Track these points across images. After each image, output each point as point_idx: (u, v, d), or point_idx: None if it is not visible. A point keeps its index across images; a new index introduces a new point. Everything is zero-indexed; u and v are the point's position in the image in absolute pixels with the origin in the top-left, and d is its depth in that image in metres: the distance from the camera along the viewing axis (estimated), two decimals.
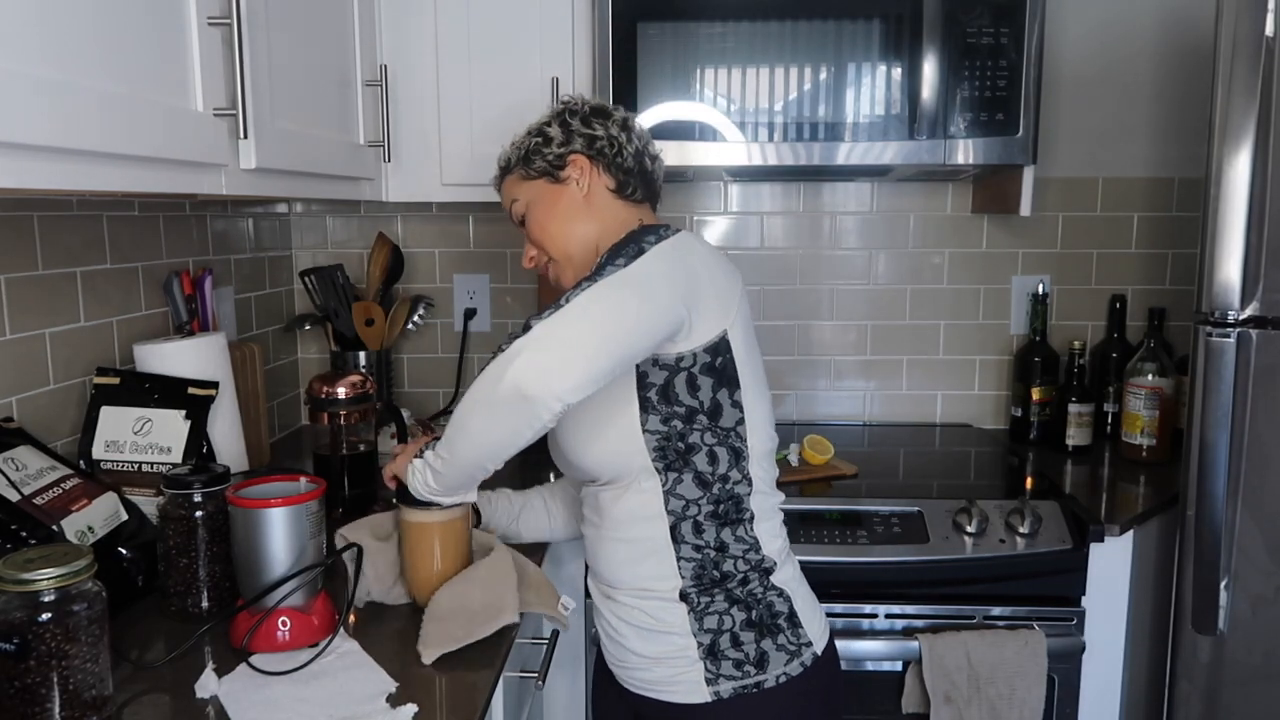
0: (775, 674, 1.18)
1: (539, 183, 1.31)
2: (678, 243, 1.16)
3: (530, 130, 1.33)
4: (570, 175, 1.29)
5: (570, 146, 1.29)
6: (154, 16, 1.04)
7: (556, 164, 1.29)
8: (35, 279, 1.39)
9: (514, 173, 1.33)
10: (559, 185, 1.30)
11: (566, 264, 1.29)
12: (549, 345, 1.05)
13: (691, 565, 1.19)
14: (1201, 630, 1.65)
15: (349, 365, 2.15)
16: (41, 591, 0.92)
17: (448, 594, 1.20)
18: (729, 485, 1.19)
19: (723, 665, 1.18)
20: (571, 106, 1.32)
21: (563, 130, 1.30)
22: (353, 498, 1.65)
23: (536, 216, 1.31)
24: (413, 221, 2.34)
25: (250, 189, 1.26)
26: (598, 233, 1.28)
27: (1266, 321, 1.56)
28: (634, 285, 1.10)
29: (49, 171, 0.88)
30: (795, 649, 1.20)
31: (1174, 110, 2.23)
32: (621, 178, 1.30)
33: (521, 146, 1.32)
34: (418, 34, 1.88)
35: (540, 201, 1.30)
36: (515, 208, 1.34)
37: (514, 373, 1.04)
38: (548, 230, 1.30)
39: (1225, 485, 1.59)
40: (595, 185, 1.29)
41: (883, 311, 2.33)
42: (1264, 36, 1.50)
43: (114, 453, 1.43)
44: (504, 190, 1.37)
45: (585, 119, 1.30)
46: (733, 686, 1.18)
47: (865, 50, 1.79)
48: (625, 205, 1.31)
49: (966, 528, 1.70)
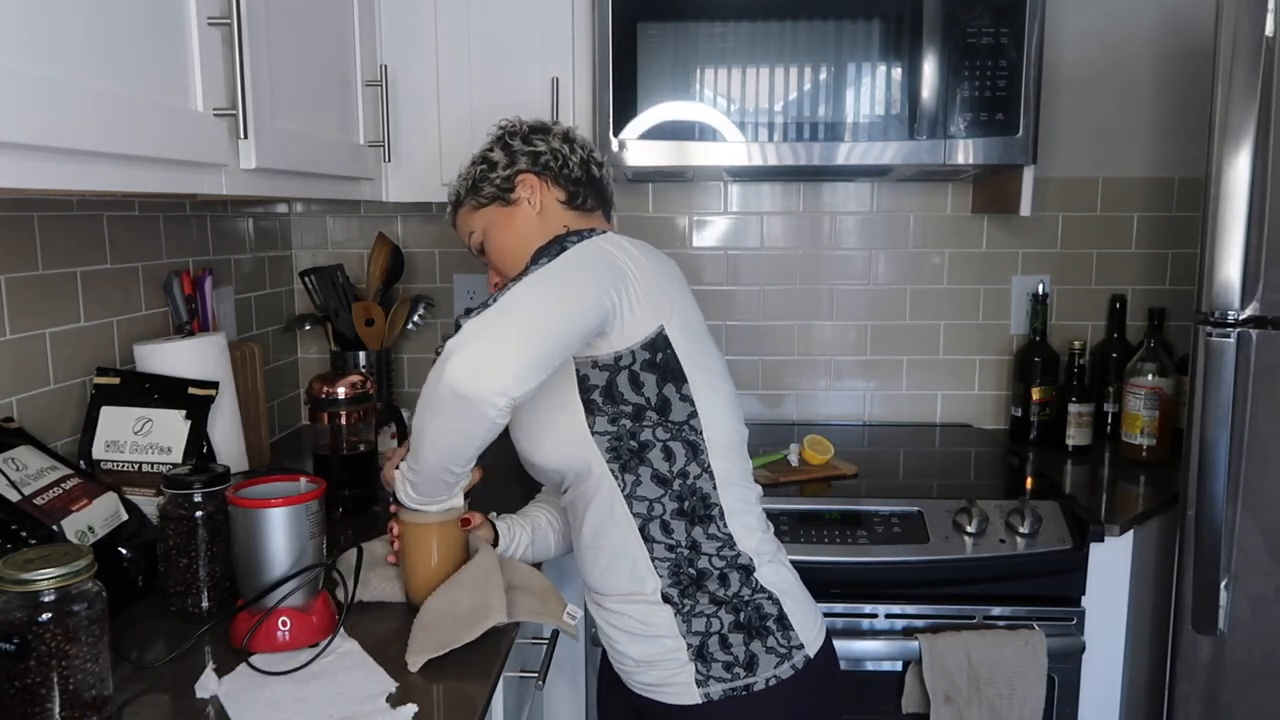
0: (765, 676, 1.18)
1: (491, 209, 1.33)
2: (600, 240, 1.17)
3: (474, 160, 1.35)
4: (520, 195, 1.31)
5: (515, 166, 1.31)
6: (154, 16, 1.04)
7: (505, 187, 1.31)
8: (35, 279, 1.39)
9: (465, 205, 1.35)
10: (511, 207, 1.32)
11: None
12: (478, 344, 1.05)
13: (666, 565, 1.18)
14: (1201, 630, 1.65)
15: (349, 365, 2.15)
16: (41, 591, 0.92)
17: (435, 600, 1.20)
18: (690, 480, 1.18)
19: (713, 667, 1.18)
20: (510, 129, 1.35)
21: (505, 153, 1.32)
22: (353, 498, 1.65)
23: (494, 241, 1.33)
24: (413, 221, 2.34)
25: (250, 189, 1.26)
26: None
27: (1266, 321, 1.56)
28: (555, 277, 1.11)
29: (49, 171, 0.89)
30: (786, 652, 1.19)
31: (1174, 110, 2.23)
32: (571, 188, 1.32)
33: (468, 177, 1.35)
34: (418, 34, 1.88)
35: (495, 226, 1.32)
36: (473, 239, 1.35)
37: (449, 375, 1.04)
38: (505, 253, 1.32)
39: (1225, 485, 1.59)
40: (547, 200, 1.32)
41: (883, 311, 2.33)
42: (1264, 36, 1.50)
43: (114, 453, 1.43)
44: (459, 224, 1.38)
45: (525, 138, 1.33)
46: (722, 689, 1.17)
47: (865, 50, 1.79)
48: (579, 216, 1.33)
49: (966, 528, 1.70)
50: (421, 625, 1.17)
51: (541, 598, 1.27)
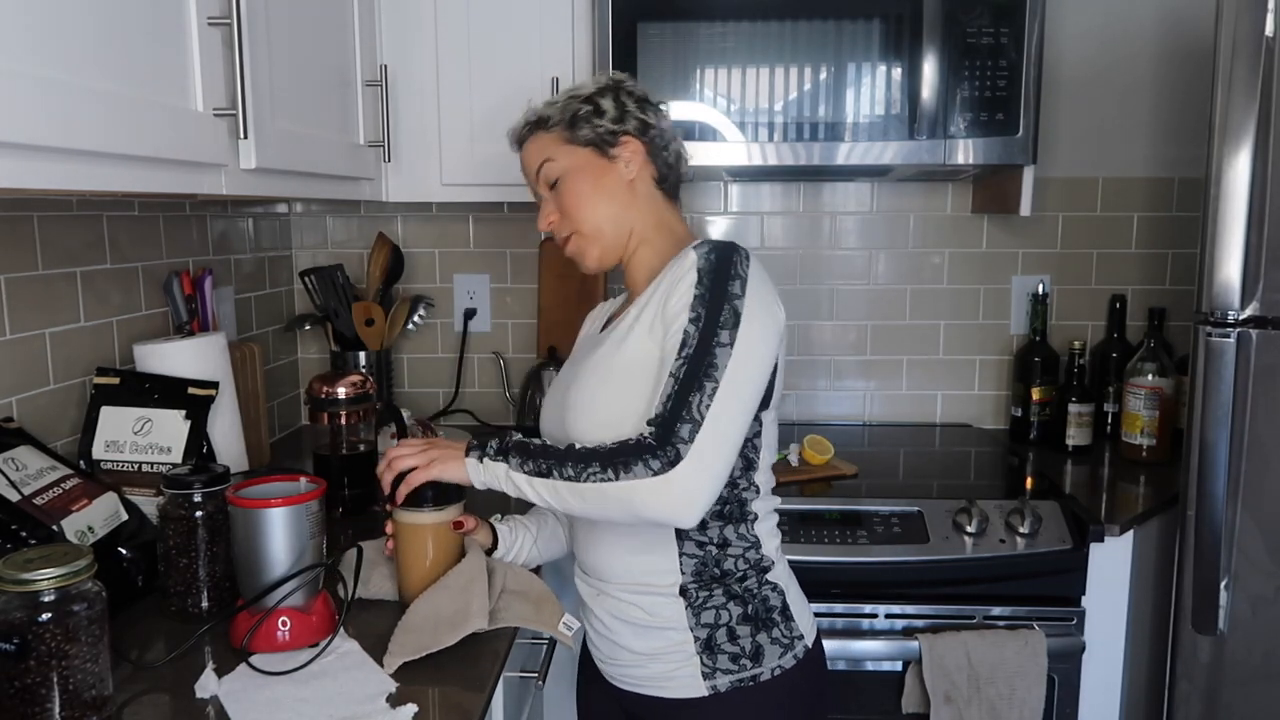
0: (770, 667, 1.19)
1: (584, 152, 1.25)
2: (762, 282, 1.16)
3: (576, 94, 1.26)
4: (620, 155, 1.25)
5: (624, 126, 1.24)
6: (154, 17, 1.04)
7: (608, 139, 1.24)
8: (35, 279, 1.39)
9: (552, 131, 1.26)
10: (606, 162, 1.25)
11: (595, 241, 1.26)
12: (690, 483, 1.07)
13: (694, 562, 1.19)
14: (1201, 630, 1.65)
15: (349, 365, 2.15)
16: (41, 591, 0.92)
17: (419, 603, 1.19)
18: (736, 490, 1.20)
19: (719, 659, 1.18)
20: (625, 85, 1.27)
21: (616, 105, 1.25)
22: (353, 498, 1.65)
23: (576, 187, 1.25)
24: (413, 221, 2.34)
25: (250, 189, 1.26)
26: (634, 220, 1.26)
27: (1266, 321, 1.56)
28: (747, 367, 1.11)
29: (49, 172, 0.89)
30: (789, 642, 1.21)
31: (1174, 110, 2.23)
32: (665, 171, 1.28)
33: (565, 109, 1.25)
34: (418, 34, 1.88)
35: (582, 173, 1.25)
36: (547, 168, 1.26)
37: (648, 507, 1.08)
38: (582, 206, 1.25)
39: (1225, 485, 1.59)
40: (642, 172, 1.26)
41: (883, 311, 2.33)
42: (1264, 36, 1.49)
43: (114, 453, 1.43)
44: (532, 147, 1.29)
45: (640, 103, 1.27)
46: (729, 680, 1.18)
47: (865, 50, 1.79)
48: (665, 200, 1.30)
49: (966, 528, 1.69)
50: (403, 627, 1.17)
51: (537, 604, 1.26)
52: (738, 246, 1.17)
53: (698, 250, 1.16)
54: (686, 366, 1.10)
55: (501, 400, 2.34)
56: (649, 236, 1.27)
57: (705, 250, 1.16)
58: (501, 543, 1.34)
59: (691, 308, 1.12)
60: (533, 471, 1.13)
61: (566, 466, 1.11)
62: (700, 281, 1.13)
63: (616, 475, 1.08)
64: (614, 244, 1.26)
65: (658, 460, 1.07)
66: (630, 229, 1.26)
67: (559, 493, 1.12)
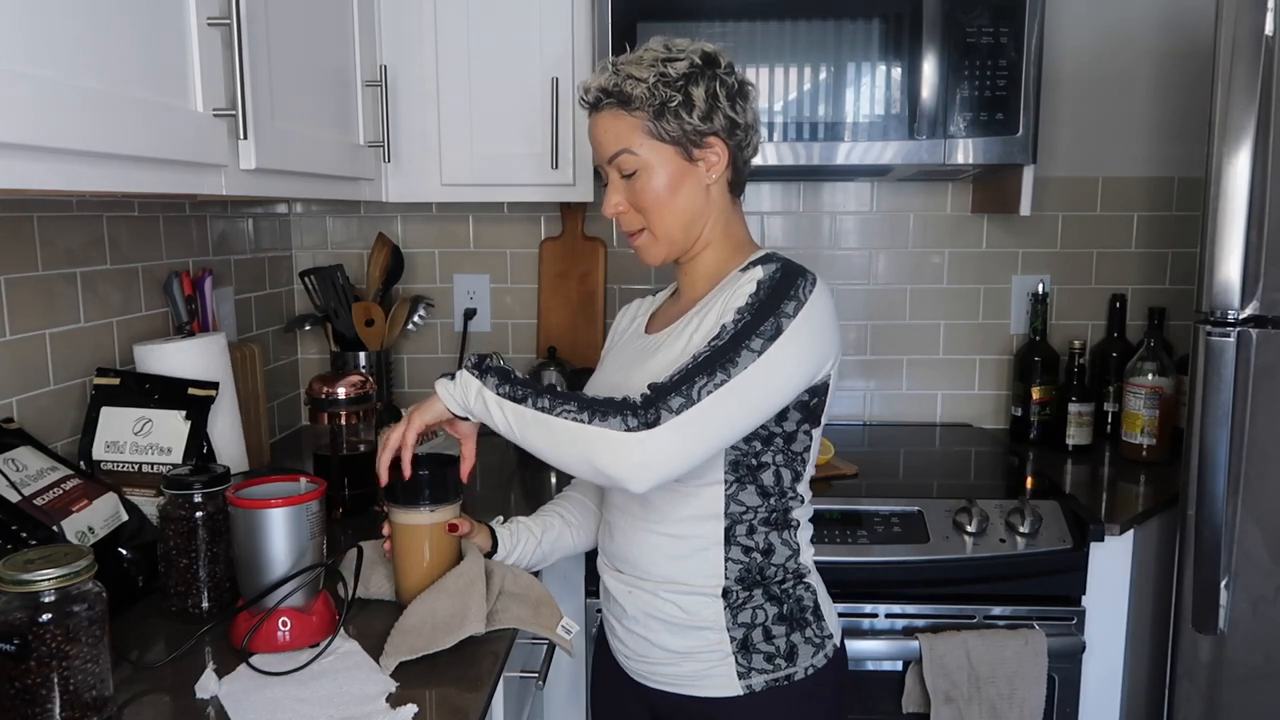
0: (804, 666, 1.20)
1: (668, 149, 1.16)
2: (824, 299, 1.14)
3: (667, 77, 1.14)
4: (704, 159, 1.18)
5: (712, 125, 1.16)
6: (154, 17, 1.04)
7: (694, 139, 1.16)
8: (35, 279, 1.39)
9: (635, 116, 1.16)
10: (688, 164, 1.18)
11: (663, 243, 1.22)
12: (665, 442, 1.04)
13: (739, 566, 1.20)
14: (1201, 630, 1.65)
15: (349, 365, 2.15)
16: (42, 592, 0.92)
17: (417, 604, 1.19)
18: (785, 500, 1.21)
19: (754, 659, 1.19)
20: (722, 74, 1.17)
21: (709, 99, 1.15)
22: (353, 498, 1.65)
23: (650, 185, 1.18)
24: (413, 221, 2.34)
25: (250, 189, 1.26)
26: (706, 225, 1.22)
27: (1266, 321, 1.56)
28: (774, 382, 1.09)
29: (49, 172, 0.89)
30: (820, 641, 1.22)
31: (1174, 110, 2.23)
32: (741, 173, 1.23)
33: (655, 93, 1.14)
34: (418, 34, 1.88)
35: (661, 172, 1.17)
36: (623, 160, 1.18)
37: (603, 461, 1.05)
38: (664, 208, 1.18)
39: (1225, 485, 1.59)
40: (720, 177, 1.20)
41: (883, 311, 2.33)
42: (1264, 36, 1.49)
43: (114, 453, 1.43)
44: (609, 124, 1.18)
45: (732, 95, 1.17)
46: (764, 680, 1.19)
47: (865, 50, 1.79)
48: (732, 205, 1.25)
49: (967, 527, 1.70)
50: (399, 629, 1.16)
51: (535, 607, 1.25)
52: (807, 272, 1.14)
53: (765, 266, 1.14)
54: (708, 354, 1.08)
55: None
56: (714, 240, 1.24)
57: (773, 268, 1.14)
58: (501, 546, 1.33)
59: (739, 311, 1.11)
60: (506, 395, 1.11)
61: (543, 398, 1.09)
62: (757, 291, 1.12)
63: (590, 419, 1.05)
64: (682, 247, 1.23)
65: (636, 419, 1.04)
66: (699, 234, 1.22)
67: (524, 421, 1.09)
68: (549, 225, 2.31)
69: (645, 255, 1.24)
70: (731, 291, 1.15)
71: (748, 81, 1.21)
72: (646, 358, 1.22)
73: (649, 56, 1.16)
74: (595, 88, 1.18)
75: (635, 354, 1.27)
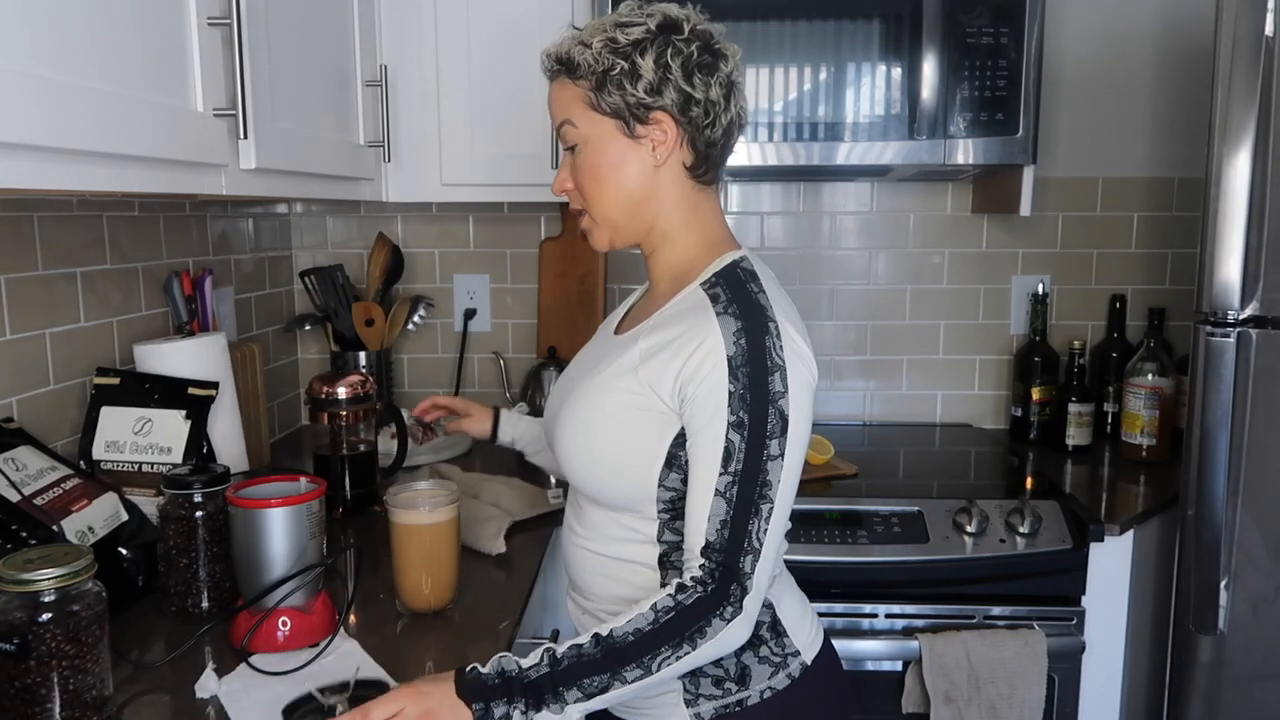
0: (759, 689, 1.08)
1: (607, 123, 1.06)
2: (793, 341, 1.02)
3: (615, 44, 1.04)
4: (648, 136, 1.06)
5: (660, 100, 1.04)
6: (154, 17, 1.04)
7: (637, 113, 1.05)
8: (35, 279, 1.39)
9: (579, 85, 1.07)
10: (630, 141, 1.07)
11: (604, 226, 1.12)
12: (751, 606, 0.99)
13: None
14: (1201, 630, 1.65)
15: (349, 365, 2.15)
16: (42, 592, 0.92)
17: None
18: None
19: (701, 684, 1.08)
20: (680, 41, 1.04)
21: (657, 70, 1.03)
22: (353, 498, 1.65)
23: (589, 162, 1.09)
24: (413, 221, 2.34)
25: (250, 189, 1.26)
26: (656, 213, 1.11)
27: (1266, 321, 1.56)
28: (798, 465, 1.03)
29: (49, 172, 0.89)
30: (780, 660, 1.10)
31: (1174, 110, 2.23)
32: (702, 153, 1.08)
33: (600, 61, 1.04)
34: (418, 34, 1.88)
35: (599, 148, 1.07)
36: (565, 131, 1.10)
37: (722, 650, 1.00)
38: (601, 188, 1.09)
39: (1225, 485, 1.59)
40: (673, 158, 1.08)
41: (883, 311, 2.33)
42: (1264, 36, 1.49)
43: (114, 453, 1.43)
44: (556, 93, 1.10)
45: (689, 66, 1.04)
46: (713, 707, 1.08)
47: (865, 50, 1.79)
48: (694, 190, 1.11)
49: (966, 528, 1.69)
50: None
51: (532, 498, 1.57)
52: (766, 320, 1.01)
53: (723, 325, 1.00)
54: (738, 487, 0.99)
55: (502, 400, 2.34)
56: (672, 234, 1.12)
57: (733, 330, 1.00)
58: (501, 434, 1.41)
59: (730, 408, 0.99)
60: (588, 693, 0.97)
61: (627, 669, 0.97)
62: (734, 377, 0.99)
63: (694, 645, 0.98)
64: (628, 234, 1.13)
65: (730, 607, 0.98)
66: (650, 223, 1.11)
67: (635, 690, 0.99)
68: (549, 225, 2.31)
69: (590, 240, 1.15)
70: (686, 347, 1.02)
71: (720, 52, 1.06)
72: (600, 368, 1.12)
73: (608, 20, 1.06)
74: (549, 54, 1.10)
75: (601, 353, 1.17)
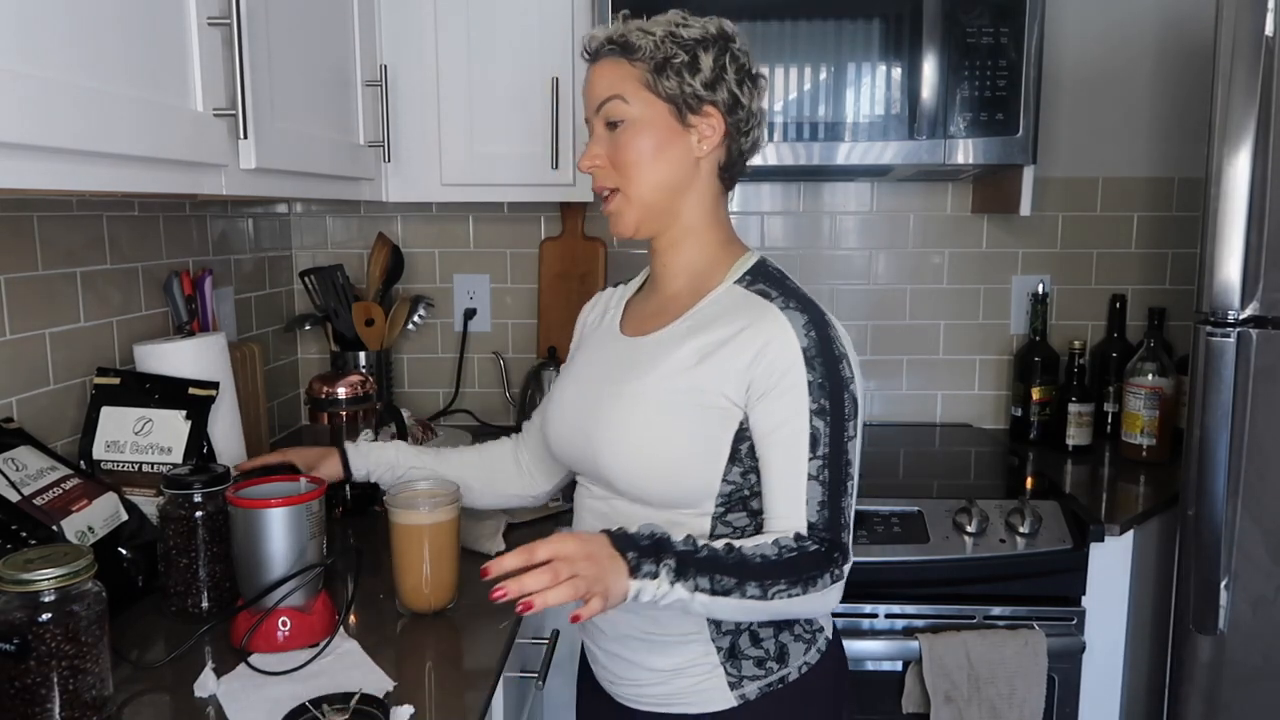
0: (797, 665, 1.16)
1: (661, 107, 1.10)
2: (847, 336, 1.14)
3: (677, 36, 1.09)
4: (697, 127, 1.11)
5: (715, 95, 1.10)
6: (154, 17, 1.04)
7: (690, 103, 1.09)
8: (35, 279, 1.39)
9: (635, 66, 1.09)
10: (680, 128, 1.11)
11: (635, 206, 1.14)
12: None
13: None
14: (1201, 630, 1.65)
15: (349, 365, 2.15)
16: (42, 592, 0.92)
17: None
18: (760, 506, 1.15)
19: (744, 666, 1.14)
20: (735, 49, 1.11)
21: (716, 68, 1.09)
22: (353, 498, 1.65)
23: (637, 141, 1.11)
24: (413, 221, 2.34)
25: (250, 189, 1.26)
26: (688, 203, 1.15)
27: (1266, 321, 1.56)
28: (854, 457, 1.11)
29: (48, 172, 0.89)
30: (810, 636, 1.17)
31: (1174, 110, 2.23)
32: (735, 157, 1.16)
33: (660, 48, 1.08)
34: (418, 34, 1.88)
35: (651, 130, 1.10)
36: (613, 105, 1.11)
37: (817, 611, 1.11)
38: (645, 168, 1.11)
39: (1225, 485, 1.59)
40: (713, 153, 1.14)
41: (883, 311, 2.33)
42: (1264, 36, 1.49)
43: (114, 453, 1.43)
44: (606, 71, 1.12)
45: (742, 75, 1.12)
46: (758, 686, 1.14)
47: (865, 50, 1.79)
48: (719, 193, 1.18)
49: (966, 528, 1.69)
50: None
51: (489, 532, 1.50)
52: (821, 313, 1.12)
53: (791, 319, 1.08)
54: (829, 470, 1.07)
55: (502, 400, 2.34)
56: (697, 228, 1.16)
57: (802, 324, 1.08)
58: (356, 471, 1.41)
59: (812, 396, 1.06)
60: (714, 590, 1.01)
61: (749, 585, 1.02)
62: (811, 367, 1.07)
63: (805, 590, 1.05)
64: (657, 219, 1.15)
65: (837, 569, 1.08)
66: (678, 213, 1.15)
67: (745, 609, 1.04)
68: (549, 225, 2.31)
69: (616, 223, 1.16)
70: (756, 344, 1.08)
71: (761, 73, 1.15)
72: (643, 370, 1.13)
73: (665, 18, 1.11)
74: (601, 36, 1.13)
75: (621, 358, 1.17)
